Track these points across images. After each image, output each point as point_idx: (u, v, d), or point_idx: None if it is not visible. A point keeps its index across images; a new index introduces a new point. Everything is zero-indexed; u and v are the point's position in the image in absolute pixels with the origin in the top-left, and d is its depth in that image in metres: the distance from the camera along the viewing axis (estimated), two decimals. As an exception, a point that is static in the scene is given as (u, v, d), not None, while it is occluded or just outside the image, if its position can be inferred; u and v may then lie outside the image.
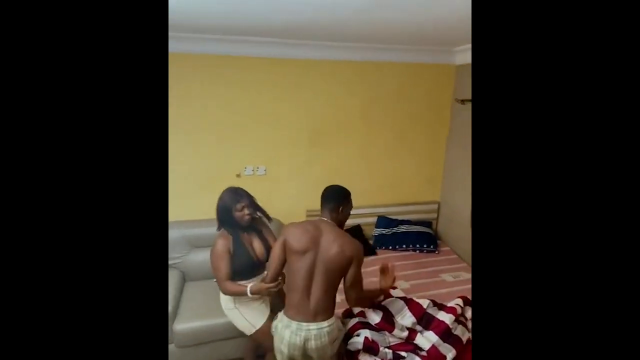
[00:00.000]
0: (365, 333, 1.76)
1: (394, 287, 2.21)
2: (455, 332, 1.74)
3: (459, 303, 1.99)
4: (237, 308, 1.77)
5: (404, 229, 2.91)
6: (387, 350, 1.72)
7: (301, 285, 1.49)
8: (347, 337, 1.79)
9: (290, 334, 1.48)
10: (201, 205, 2.58)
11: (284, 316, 1.54)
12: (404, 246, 2.83)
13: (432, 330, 1.76)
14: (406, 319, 1.81)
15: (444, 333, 1.73)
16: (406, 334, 1.76)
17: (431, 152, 3.04)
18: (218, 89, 2.47)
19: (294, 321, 1.49)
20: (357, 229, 2.91)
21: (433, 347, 1.68)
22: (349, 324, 1.84)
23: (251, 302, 1.77)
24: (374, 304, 1.83)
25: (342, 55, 2.59)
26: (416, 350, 1.72)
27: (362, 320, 1.85)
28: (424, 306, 1.87)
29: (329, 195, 1.62)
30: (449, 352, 1.65)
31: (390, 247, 2.84)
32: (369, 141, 2.87)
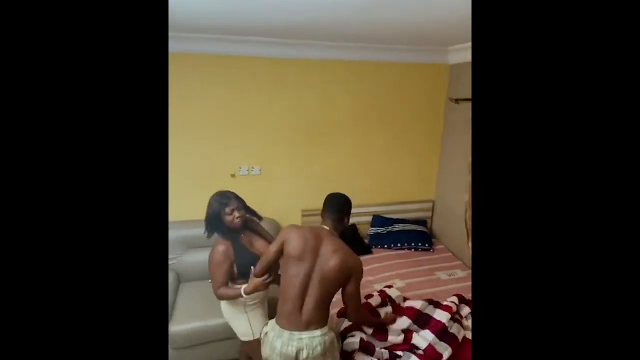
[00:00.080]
0: (360, 334, 1.77)
1: (390, 285, 2.23)
2: (451, 331, 1.75)
3: (454, 301, 2.00)
4: (247, 312, 1.71)
5: (399, 227, 2.93)
6: (383, 350, 1.73)
7: (294, 294, 1.45)
8: (342, 337, 1.79)
9: (282, 345, 1.44)
10: (196, 206, 2.54)
11: (275, 325, 1.50)
12: (399, 245, 2.84)
13: (428, 329, 1.76)
14: (400, 323, 1.81)
15: (440, 332, 1.74)
16: (402, 337, 1.77)
17: (426, 151, 3.06)
18: (213, 88, 2.46)
19: (285, 331, 1.45)
20: (352, 228, 2.92)
21: (429, 345, 1.69)
22: (343, 324, 1.84)
23: (258, 308, 1.74)
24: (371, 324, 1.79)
25: (337, 55, 2.58)
26: (413, 349, 1.73)
27: None
28: (417, 307, 1.87)
29: (334, 204, 1.56)
30: (445, 351, 1.66)
31: (386, 246, 2.85)
32: (364, 140, 2.88)
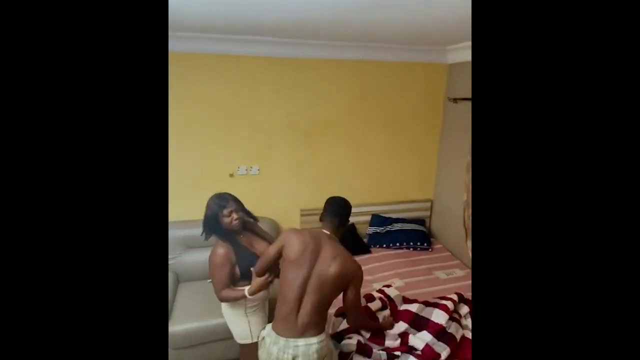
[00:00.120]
0: (357, 336, 1.76)
1: (389, 285, 2.23)
2: (449, 331, 1.75)
3: (453, 297, 2.00)
4: (247, 315, 1.71)
5: (398, 227, 2.93)
6: (381, 352, 1.73)
7: (292, 298, 1.44)
8: (339, 338, 1.79)
9: (278, 351, 1.43)
10: (195, 206, 2.54)
11: (272, 331, 1.49)
12: (397, 244, 2.84)
13: (426, 330, 1.76)
14: (397, 328, 1.81)
15: (439, 332, 1.74)
16: (399, 342, 1.77)
17: (424, 151, 3.06)
18: (212, 88, 2.45)
19: (281, 337, 1.44)
20: (351, 228, 2.92)
21: (427, 346, 1.69)
22: (341, 325, 1.84)
23: (259, 311, 1.73)
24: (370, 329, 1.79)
25: (336, 54, 2.58)
26: (411, 350, 1.73)
27: None
28: (414, 310, 1.87)
29: (335, 208, 1.54)
30: (443, 351, 1.66)
31: (384, 245, 2.85)
32: (363, 140, 2.88)
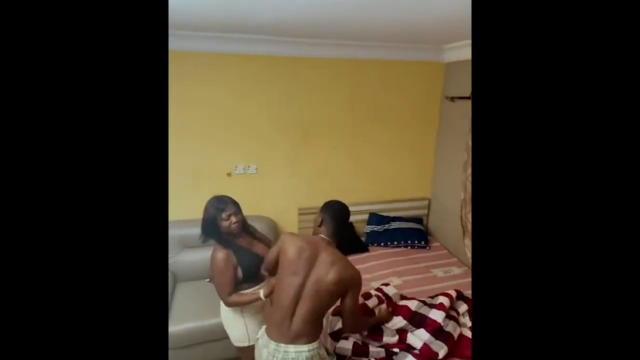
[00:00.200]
0: (354, 337, 1.76)
1: (387, 283, 2.23)
2: (446, 329, 1.75)
3: (450, 293, 2.00)
4: (244, 317, 1.69)
5: (396, 225, 2.94)
6: (379, 349, 1.73)
7: (286, 304, 1.41)
8: (336, 338, 1.79)
9: (268, 354, 1.42)
10: (192, 205, 2.54)
11: (264, 333, 1.48)
12: (395, 242, 2.85)
13: (423, 328, 1.76)
14: (395, 322, 1.81)
15: (436, 331, 1.74)
16: (396, 338, 1.76)
17: (421, 150, 3.06)
18: (209, 87, 2.44)
19: (272, 341, 1.42)
20: (349, 227, 2.93)
21: (425, 345, 1.69)
22: (337, 325, 1.84)
23: (257, 313, 1.71)
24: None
25: (333, 53, 2.57)
26: (409, 348, 1.73)
27: None
28: (412, 307, 1.87)
29: (334, 213, 1.51)
30: (441, 349, 1.66)
31: (382, 244, 2.86)
32: (361, 139, 2.87)
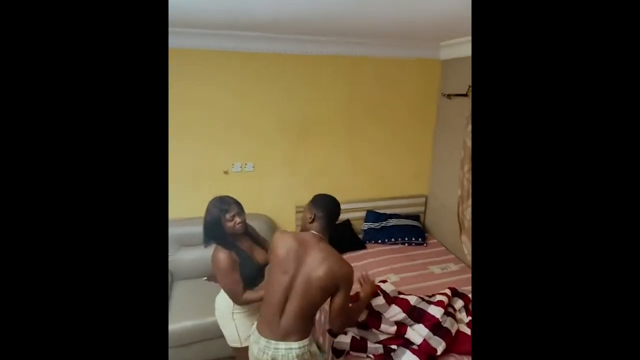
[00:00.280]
0: (352, 331, 1.77)
1: (384, 280, 2.24)
2: (445, 325, 1.77)
3: (447, 293, 2.02)
4: (235, 320, 1.69)
5: (393, 222, 2.94)
6: (377, 345, 1.74)
7: (275, 302, 1.41)
8: (334, 334, 1.79)
9: (258, 351, 1.42)
10: (189, 204, 2.54)
11: (255, 330, 1.48)
12: (392, 240, 2.85)
13: (422, 323, 1.77)
14: (394, 314, 1.82)
15: (434, 326, 1.75)
16: (394, 328, 1.77)
17: (419, 147, 3.06)
18: (204, 86, 2.42)
19: (262, 338, 1.42)
20: (346, 224, 2.93)
21: (424, 340, 1.70)
22: None
23: (249, 316, 1.71)
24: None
25: (330, 50, 2.56)
26: (407, 344, 1.74)
27: None
28: (412, 302, 1.88)
29: (325, 207, 1.49)
30: (439, 345, 1.68)
31: (380, 241, 2.86)
32: (358, 136, 2.87)
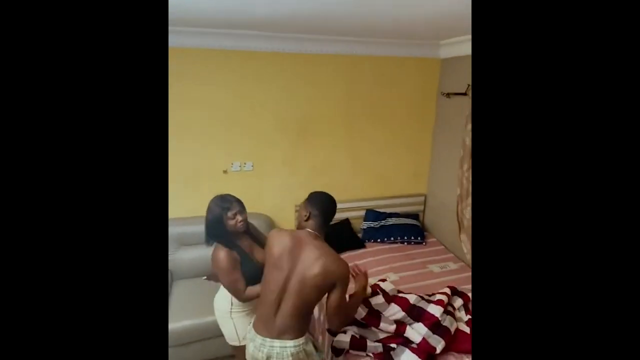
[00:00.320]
0: (352, 330, 1.77)
1: (384, 279, 2.24)
2: (444, 324, 1.77)
3: (446, 292, 2.03)
4: (233, 318, 1.70)
5: (392, 221, 2.94)
6: (377, 344, 1.74)
7: (270, 300, 1.41)
8: (333, 332, 1.78)
9: (254, 349, 1.43)
10: (188, 203, 2.55)
11: (251, 328, 1.49)
12: (392, 238, 2.86)
13: (422, 322, 1.78)
14: (393, 312, 1.82)
15: (434, 325, 1.75)
16: (394, 327, 1.77)
17: (418, 146, 3.06)
18: (202, 85, 2.42)
19: (258, 335, 1.43)
20: (345, 223, 2.93)
21: (423, 339, 1.70)
22: None
23: (247, 315, 1.71)
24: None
25: (329, 49, 2.56)
26: (406, 343, 1.74)
27: None
28: (411, 301, 1.88)
29: (321, 205, 1.48)
30: (438, 344, 1.68)
31: (379, 240, 2.86)
32: (357, 135, 2.87)
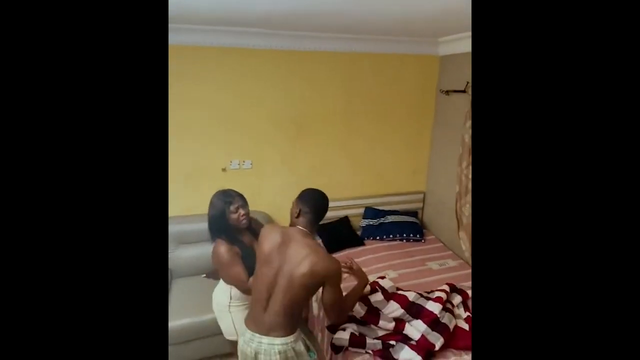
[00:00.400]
0: (351, 327, 1.77)
1: (383, 277, 2.24)
2: (443, 321, 1.78)
3: (445, 289, 2.03)
4: (231, 313, 1.71)
5: (391, 219, 2.95)
6: (376, 341, 1.74)
7: (260, 296, 1.42)
8: (333, 330, 1.79)
9: (243, 343, 1.45)
10: (187, 201, 2.54)
11: (243, 323, 1.50)
12: (390, 236, 2.86)
13: (420, 319, 1.78)
14: (392, 310, 1.83)
15: (433, 322, 1.76)
16: (393, 324, 1.78)
17: (416, 143, 3.07)
18: (201, 83, 2.41)
19: (248, 330, 1.44)
20: (344, 221, 2.94)
21: (422, 336, 1.71)
22: None
23: (245, 309, 1.70)
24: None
25: (327, 46, 2.55)
26: (405, 340, 1.74)
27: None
28: (410, 298, 1.89)
29: (313, 202, 1.48)
30: (437, 341, 1.69)
31: (378, 238, 2.87)
32: (356, 132, 2.87)
